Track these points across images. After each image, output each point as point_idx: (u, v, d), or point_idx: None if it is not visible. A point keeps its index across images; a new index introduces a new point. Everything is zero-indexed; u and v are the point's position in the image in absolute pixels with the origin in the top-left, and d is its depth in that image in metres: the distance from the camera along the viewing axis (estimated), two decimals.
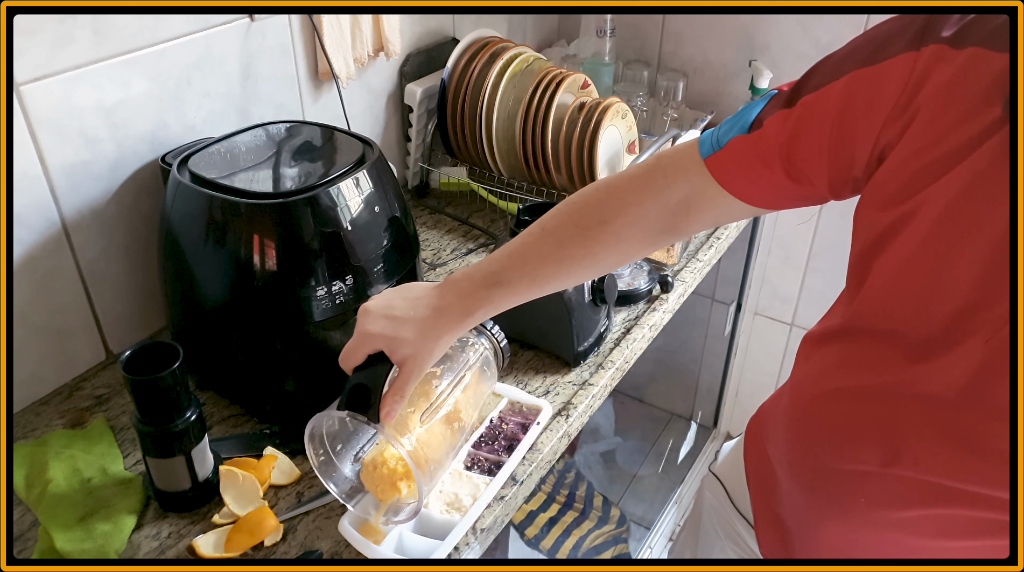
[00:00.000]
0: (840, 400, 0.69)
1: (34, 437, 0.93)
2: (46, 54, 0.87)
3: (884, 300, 0.64)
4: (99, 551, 0.78)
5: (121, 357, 0.78)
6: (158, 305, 1.03)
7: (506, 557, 1.09)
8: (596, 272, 0.79)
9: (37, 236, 0.93)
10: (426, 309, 0.75)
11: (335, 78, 1.19)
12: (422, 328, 0.73)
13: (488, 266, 0.76)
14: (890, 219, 0.61)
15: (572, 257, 0.75)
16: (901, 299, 0.62)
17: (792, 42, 1.59)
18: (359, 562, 0.79)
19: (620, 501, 1.89)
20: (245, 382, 0.97)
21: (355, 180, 0.89)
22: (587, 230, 0.75)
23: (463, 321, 0.75)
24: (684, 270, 1.27)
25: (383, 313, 0.75)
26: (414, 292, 0.77)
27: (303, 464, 0.90)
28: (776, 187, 0.69)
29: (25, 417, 0.97)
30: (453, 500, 0.84)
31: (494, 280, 0.75)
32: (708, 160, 0.71)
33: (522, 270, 0.75)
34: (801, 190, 0.68)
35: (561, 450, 0.96)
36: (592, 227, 0.75)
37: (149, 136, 1.01)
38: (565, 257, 0.75)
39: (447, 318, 0.74)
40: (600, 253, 0.75)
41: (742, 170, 0.69)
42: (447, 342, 0.76)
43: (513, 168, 1.37)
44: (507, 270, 0.76)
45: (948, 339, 0.59)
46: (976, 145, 0.55)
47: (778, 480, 0.81)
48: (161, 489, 0.84)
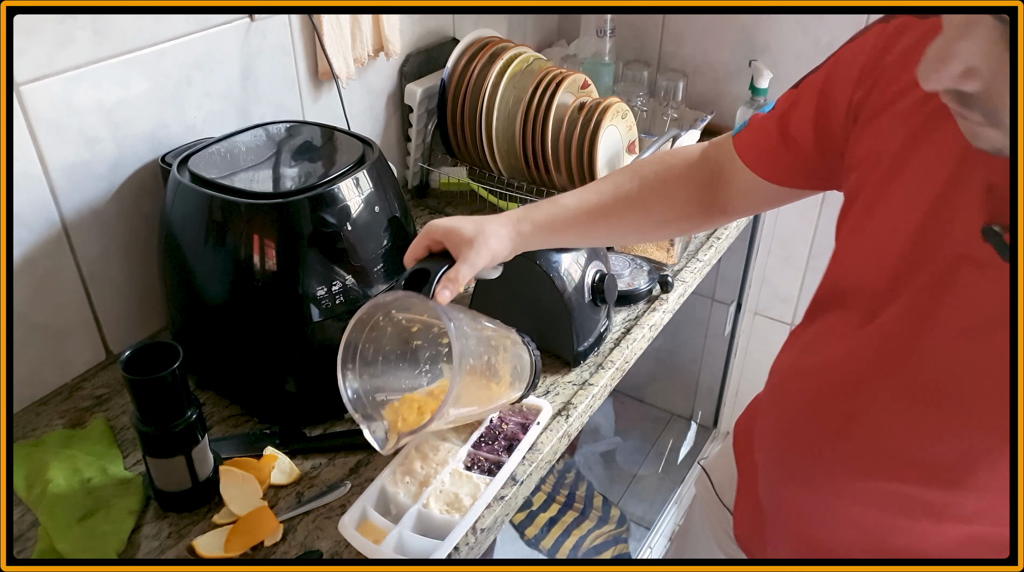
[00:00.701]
0: (812, 376, 0.71)
1: (34, 437, 0.93)
2: (46, 54, 0.87)
3: (843, 261, 0.69)
4: (98, 551, 0.78)
5: (121, 357, 0.78)
6: (158, 305, 1.03)
7: (492, 556, 1.09)
8: (643, 226, 0.86)
9: (37, 236, 0.93)
10: (487, 218, 0.82)
11: (335, 78, 1.19)
12: (479, 223, 0.81)
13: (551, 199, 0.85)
14: (853, 182, 0.66)
15: (626, 199, 0.84)
16: (855, 256, 0.67)
17: (792, 42, 1.59)
18: (359, 562, 0.79)
19: (620, 501, 1.89)
20: (245, 382, 0.97)
21: (355, 180, 0.89)
22: (643, 177, 0.84)
23: (518, 225, 0.82)
24: (684, 270, 1.27)
25: (444, 219, 0.82)
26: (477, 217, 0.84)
27: (303, 464, 0.91)
28: (775, 157, 0.76)
29: (25, 417, 0.97)
30: (453, 500, 0.84)
31: (552, 203, 0.84)
32: (735, 136, 0.81)
33: (579, 201, 0.83)
34: (795, 160, 0.74)
35: (561, 450, 0.96)
36: (648, 175, 0.84)
37: (149, 136, 1.01)
38: (620, 197, 0.84)
39: (504, 221, 0.82)
40: (652, 202, 0.84)
41: (753, 142, 0.78)
42: (502, 242, 0.81)
43: (513, 168, 1.37)
44: (567, 197, 0.84)
45: (892, 292, 0.62)
46: (920, 106, 0.59)
47: (756, 463, 0.83)
48: (161, 489, 0.84)
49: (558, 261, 1.01)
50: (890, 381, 0.64)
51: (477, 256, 0.78)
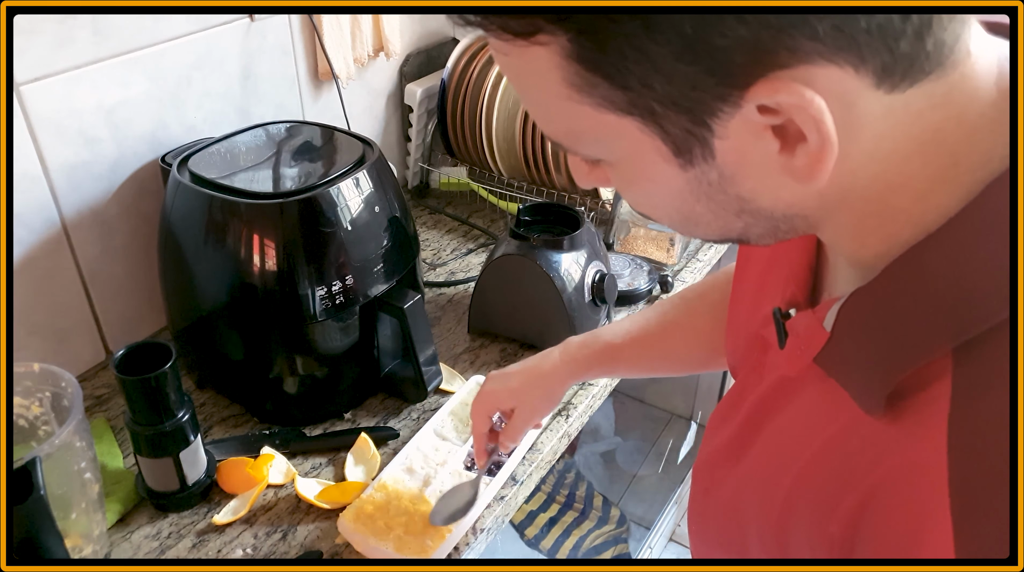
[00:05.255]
0: None
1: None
2: (46, 54, 0.87)
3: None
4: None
5: (114, 356, 0.78)
6: (158, 305, 1.03)
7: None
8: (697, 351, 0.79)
9: (37, 236, 0.93)
10: (534, 361, 0.81)
11: (335, 78, 1.19)
12: (527, 377, 0.80)
13: (601, 329, 0.82)
14: None
15: (673, 325, 0.79)
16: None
17: None
18: (359, 562, 0.79)
19: (620, 501, 1.89)
20: (245, 382, 0.96)
21: (355, 180, 0.89)
22: (688, 301, 0.80)
23: (564, 370, 0.80)
24: (684, 270, 1.27)
25: (498, 373, 0.82)
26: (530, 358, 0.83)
27: (303, 464, 0.91)
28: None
29: None
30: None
31: (599, 334, 0.80)
32: None
33: (625, 329, 0.80)
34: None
35: (561, 450, 0.96)
36: (692, 299, 0.80)
37: (149, 136, 1.01)
38: (668, 324, 0.79)
39: (552, 370, 0.80)
40: (700, 324, 0.77)
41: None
42: (552, 394, 0.81)
43: (513, 168, 1.37)
44: (613, 328, 0.81)
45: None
46: None
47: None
48: (152, 489, 0.84)
49: (558, 261, 1.01)
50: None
51: (526, 419, 0.81)
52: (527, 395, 0.80)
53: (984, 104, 0.36)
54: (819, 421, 0.45)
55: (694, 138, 0.37)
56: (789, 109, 0.34)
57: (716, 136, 0.36)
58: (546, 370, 0.80)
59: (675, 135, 0.37)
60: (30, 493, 0.63)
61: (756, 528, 0.49)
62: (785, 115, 0.34)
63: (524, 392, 0.80)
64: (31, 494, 0.63)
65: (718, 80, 0.34)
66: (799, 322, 0.47)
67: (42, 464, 0.65)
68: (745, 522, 0.50)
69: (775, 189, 0.39)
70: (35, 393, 0.77)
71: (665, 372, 0.86)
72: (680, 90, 0.35)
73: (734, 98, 0.34)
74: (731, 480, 0.53)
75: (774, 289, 0.52)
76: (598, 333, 0.81)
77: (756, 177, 0.38)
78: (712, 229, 0.43)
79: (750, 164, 0.37)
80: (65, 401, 0.76)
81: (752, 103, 0.34)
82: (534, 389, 0.80)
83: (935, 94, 0.36)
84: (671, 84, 0.34)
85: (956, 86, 0.36)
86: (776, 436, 0.49)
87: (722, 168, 0.38)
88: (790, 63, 0.33)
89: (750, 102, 0.34)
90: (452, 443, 0.91)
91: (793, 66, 0.33)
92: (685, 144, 0.37)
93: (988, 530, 0.33)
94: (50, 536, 0.66)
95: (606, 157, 0.41)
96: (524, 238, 1.03)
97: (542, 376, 0.80)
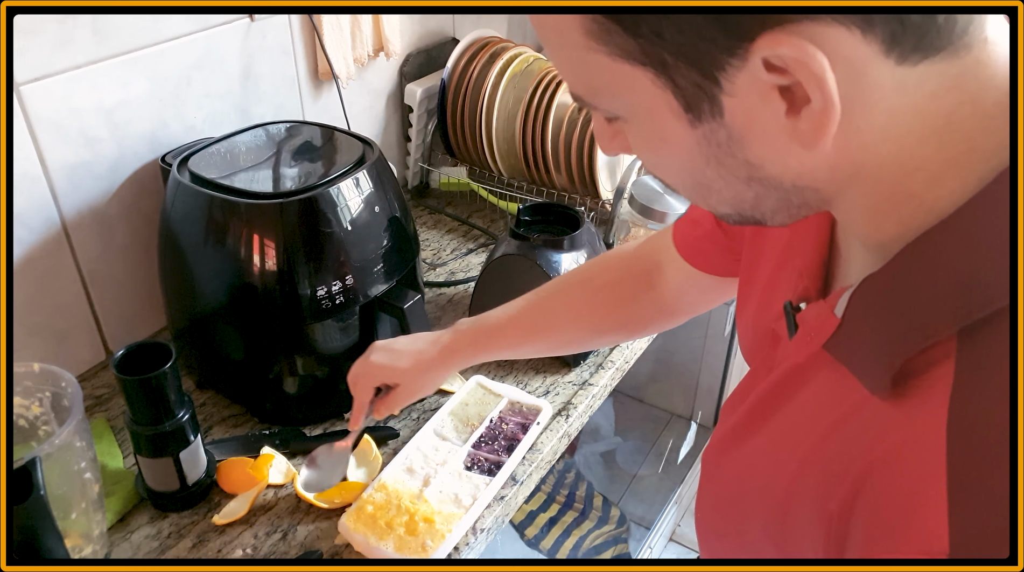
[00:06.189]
0: None
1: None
2: (46, 54, 0.87)
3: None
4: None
5: (114, 356, 0.78)
6: (158, 305, 1.03)
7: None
8: (576, 332, 0.82)
9: (37, 236, 0.93)
10: (423, 343, 0.82)
11: (335, 78, 1.19)
12: (416, 362, 0.81)
13: (488, 313, 0.82)
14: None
15: (553, 307, 0.81)
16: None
17: None
18: (359, 562, 0.79)
19: (620, 501, 1.89)
20: (245, 382, 0.96)
21: (355, 180, 0.89)
22: (571, 285, 0.82)
23: (451, 357, 0.81)
24: None
25: (385, 346, 0.83)
26: (419, 335, 0.85)
27: (301, 464, 0.90)
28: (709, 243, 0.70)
29: None
30: (453, 500, 0.84)
31: (484, 321, 0.81)
32: (674, 224, 0.75)
33: (509, 316, 0.81)
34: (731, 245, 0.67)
35: (561, 450, 0.96)
36: (575, 284, 0.82)
37: (149, 136, 1.01)
38: (547, 307, 0.81)
39: (441, 358, 0.81)
40: (580, 308, 0.80)
41: (686, 229, 0.72)
42: (437, 379, 0.83)
43: (513, 168, 1.37)
44: (497, 314, 0.82)
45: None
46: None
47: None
48: (152, 489, 0.84)
49: (558, 261, 1.01)
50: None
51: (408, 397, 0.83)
52: (414, 380, 0.82)
53: (1001, 92, 0.36)
54: (826, 405, 0.45)
55: (703, 93, 0.37)
56: (792, 65, 0.34)
57: (724, 93, 0.37)
58: (435, 358, 0.81)
59: (685, 89, 0.38)
60: (30, 493, 0.63)
61: (759, 509, 0.49)
62: (791, 76, 0.35)
63: (411, 375, 0.81)
64: (31, 494, 0.63)
65: (725, 31, 0.35)
66: (810, 312, 0.48)
67: (42, 464, 0.65)
68: (748, 503, 0.51)
69: (783, 156, 0.39)
70: (35, 393, 0.77)
71: (547, 353, 0.88)
72: (689, 40, 0.35)
73: (741, 51, 0.35)
74: (737, 462, 0.54)
75: (786, 285, 0.53)
76: (486, 316, 0.82)
77: (764, 142, 0.38)
78: (724, 198, 0.43)
79: (758, 126, 0.38)
80: (65, 401, 0.76)
81: (757, 56, 0.35)
82: (422, 374, 0.81)
83: (948, 74, 0.36)
84: (681, 34, 0.35)
85: (971, 70, 0.36)
86: (784, 421, 0.50)
87: (730, 128, 0.38)
88: (795, 18, 0.34)
89: (755, 55, 0.35)
90: (452, 443, 0.91)
91: (798, 20, 0.34)
92: (695, 99, 0.38)
93: (982, 508, 0.33)
94: (50, 536, 0.66)
95: (622, 113, 0.42)
96: (524, 238, 1.03)
97: (431, 363, 0.81)
